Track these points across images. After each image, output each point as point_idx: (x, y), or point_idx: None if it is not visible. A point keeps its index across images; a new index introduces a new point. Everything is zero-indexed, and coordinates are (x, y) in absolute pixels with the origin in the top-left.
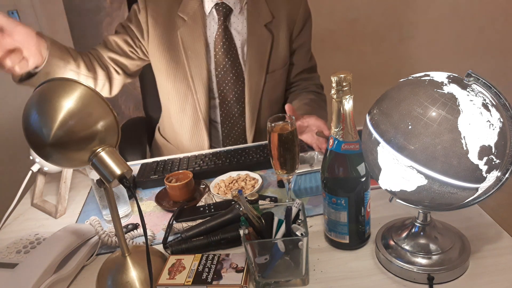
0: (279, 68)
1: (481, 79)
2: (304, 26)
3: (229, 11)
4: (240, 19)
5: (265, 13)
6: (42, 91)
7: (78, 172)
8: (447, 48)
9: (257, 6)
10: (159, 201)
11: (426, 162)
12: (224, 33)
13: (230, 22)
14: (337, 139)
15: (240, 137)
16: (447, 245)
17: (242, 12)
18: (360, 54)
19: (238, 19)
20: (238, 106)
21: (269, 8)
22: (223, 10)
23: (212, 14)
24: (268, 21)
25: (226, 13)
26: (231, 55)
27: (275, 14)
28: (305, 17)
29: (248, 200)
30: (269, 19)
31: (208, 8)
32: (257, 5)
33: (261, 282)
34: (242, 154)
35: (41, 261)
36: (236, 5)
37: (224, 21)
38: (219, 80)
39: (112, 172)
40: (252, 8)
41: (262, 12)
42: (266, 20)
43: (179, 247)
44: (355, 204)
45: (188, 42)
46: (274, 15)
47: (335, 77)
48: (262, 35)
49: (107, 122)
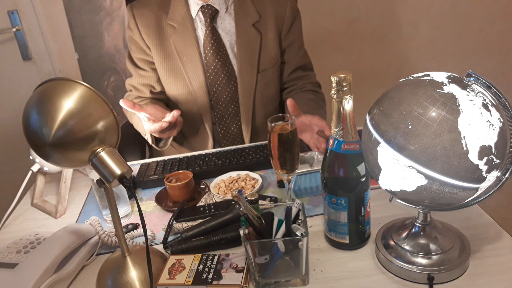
0: (270, 66)
1: (481, 79)
2: (293, 24)
3: (215, 13)
4: (227, 20)
5: (252, 13)
6: (42, 91)
7: (78, 172)
8: (447, 48)
9: (244, 6)
10: (159, 201)
11: (426, 162)
12: (212, 34)
13: (217, 23)
14: (337, 139)
15: (237, 137)
16: (447, 245)
17: (229, 13)
18: (360, 54)
19: (225, 19)
20: (232, 106)
21: (256, 7)
22: (209, 12)
23: (199, 16)
24: (255, 21)
25: (212, 15)
26: (221, 56)
27: (262, 14)
28: (293, 15)
29: (248, 200)
30: (256, 19)
31: (194, 12)
32: (244, 5)
33: (261, 282)
34: (242, 154)
35: (41, 261)
36: (222, 6)
37: (211, 23)
38: (211, 82)
39: (112, 172)
40: (239, 8)
41: (249, 11)
42: (253, 20)
43: (179, 247)
44: (355, 204)
45: (181, 49)
46: (261, 14)
47: (335, 77)
48: (251, 34)
49: (107, 122)
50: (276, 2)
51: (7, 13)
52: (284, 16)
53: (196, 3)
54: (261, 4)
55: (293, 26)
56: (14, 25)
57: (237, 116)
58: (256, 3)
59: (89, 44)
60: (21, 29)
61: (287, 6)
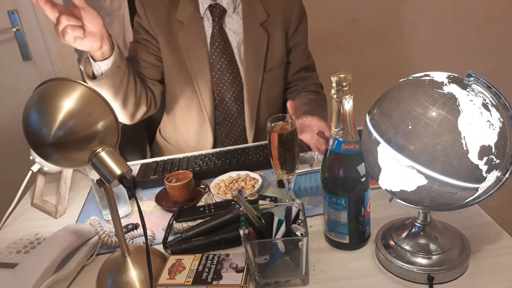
0: (276, 66)
1: (481, 79)
2: (299, 24)
3: (223, 12)
4: (235, 19)
5: (260, 12)
6: (42, 91)
7: (78, 172)
8: (447, 48)
9: (252, 5)
10: (159, 201)
11: (426, 162)
12: (218, 33)
13: (225, 22)
14: (337, 139)
15: (240, 137)
16: (447, 245)
17: (237, 12)
18: (360, 54)
19: (233, 19)
20: (236, 106)
21: (264, 7)
22: (217, 11)
23: (207, 15)
24: (263, 20)
25: (220, 14)
26: (226, 55)
27: (270, 13)
28: (300, 16)
29: (248, 200)
30: (264, 18)
31: (203, 10)
32: (252, 5)
33: (261, 282)
34: (242, 154)
35: (41, 261)
36: (230, 5)
37: (218, 22)
38: (216, 80)
39: (112, 172)
40: (247, 8)
41: (257, 11)
42: (261, 19)
43: (179, 247)
44: (355, 204)
45: (188, 45)
46: (269, 13)
47: (335, 77)
48: (258, 34)
49: (107, 122)
50: (284, 2)
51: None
52: (291, 16)
53: (205, 1)
54: (269, 3)
55: (299, 26)
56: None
57: (241, 116)
58: (264, 2)
59: None
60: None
61: (295, 6)
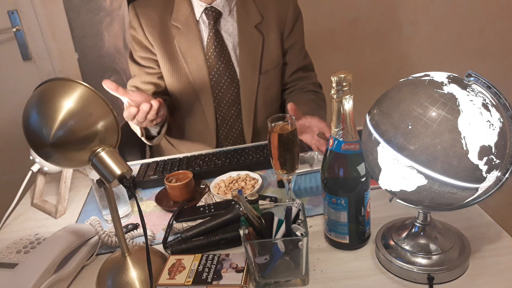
0: (272, 68)
1: (481, 79)
2: (295, 25)
3: (218, 15)
4: (230, 22)
5: (254, 14)
6: (42, 91)
7: (78, 172)
8: (447, 48)
9: (246, 8)
10: (159, 201)
11: (426, 162)
12: (215, 36)
13: (221, 25)
14: (337, 139)
15: (238, 139)
16: (447, 245)
17: (232, 15)
18: (360, 54)
19: (228, 21)
20: (234, 108)
21: (258, 9)
22: (213, 14)
23: (202, 18)
24: (258, 22)
25: (215, 17)
26: (224, 58)
27: (264, 15)
28: (295, 16)
29: (248, 200)
30: (258, 20)
31: (198, 14)
32: (246, 7)
33: (261, 282)
34: (242, 154)
35: (41, 261)
36: (225, 8)
37: (214, 25)
38: (213, 83)
39: (112, 172)
40: (242, 10)
41: (251, 13)
42: (256, 21)
43: (179, 247)
44: (355, 204)
45: (185, 50)
46: (263, 15)
47: (335, 77)
48: (253, 36)
49: (107, 122)
50: (279, 3)
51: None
52: (286, 17)
53: (200, 5)
54: (263, 5)
55: (295, 27)
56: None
57: (239, 118)
58: (258, 4)
59: (89, 44)
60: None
61: (289, 7)
